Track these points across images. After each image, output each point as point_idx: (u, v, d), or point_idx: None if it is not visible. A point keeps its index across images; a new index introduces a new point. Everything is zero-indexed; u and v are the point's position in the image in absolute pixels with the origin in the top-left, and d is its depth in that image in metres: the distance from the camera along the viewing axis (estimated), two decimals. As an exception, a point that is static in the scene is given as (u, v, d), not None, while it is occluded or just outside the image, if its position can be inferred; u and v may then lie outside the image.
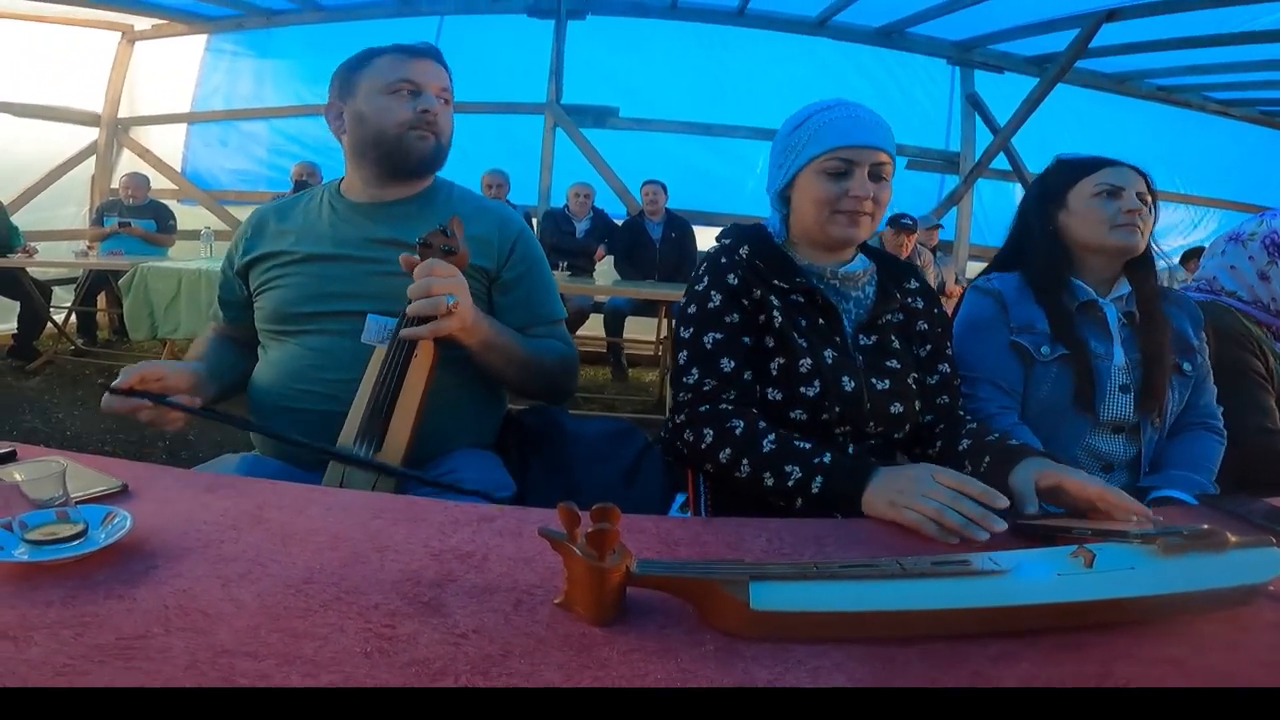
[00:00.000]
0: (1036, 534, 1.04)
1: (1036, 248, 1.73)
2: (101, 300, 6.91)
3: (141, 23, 7.85)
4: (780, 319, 1.41)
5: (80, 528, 0.84)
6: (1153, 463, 1.67)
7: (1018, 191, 7.53)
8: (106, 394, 1.36)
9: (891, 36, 7.25)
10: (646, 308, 6.09)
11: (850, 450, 1.41)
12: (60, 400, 4.93)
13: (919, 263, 6.28)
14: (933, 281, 6.23)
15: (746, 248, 1.48)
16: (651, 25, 7.34)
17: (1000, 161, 7.35)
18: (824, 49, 7.38)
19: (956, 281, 6.89)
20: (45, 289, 6.12)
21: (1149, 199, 1.66)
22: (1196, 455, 1.66)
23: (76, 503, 0.88)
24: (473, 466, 1.53)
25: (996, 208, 7.74)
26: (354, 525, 0.96)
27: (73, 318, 6.80)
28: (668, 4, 7.10)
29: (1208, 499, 1.30)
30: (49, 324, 6.23)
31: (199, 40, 8.06)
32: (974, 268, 7.55)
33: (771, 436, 1.33)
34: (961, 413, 1.56)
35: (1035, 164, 6.97)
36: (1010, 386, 1.65)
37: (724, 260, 1.47)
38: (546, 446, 1.66)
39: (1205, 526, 0.86)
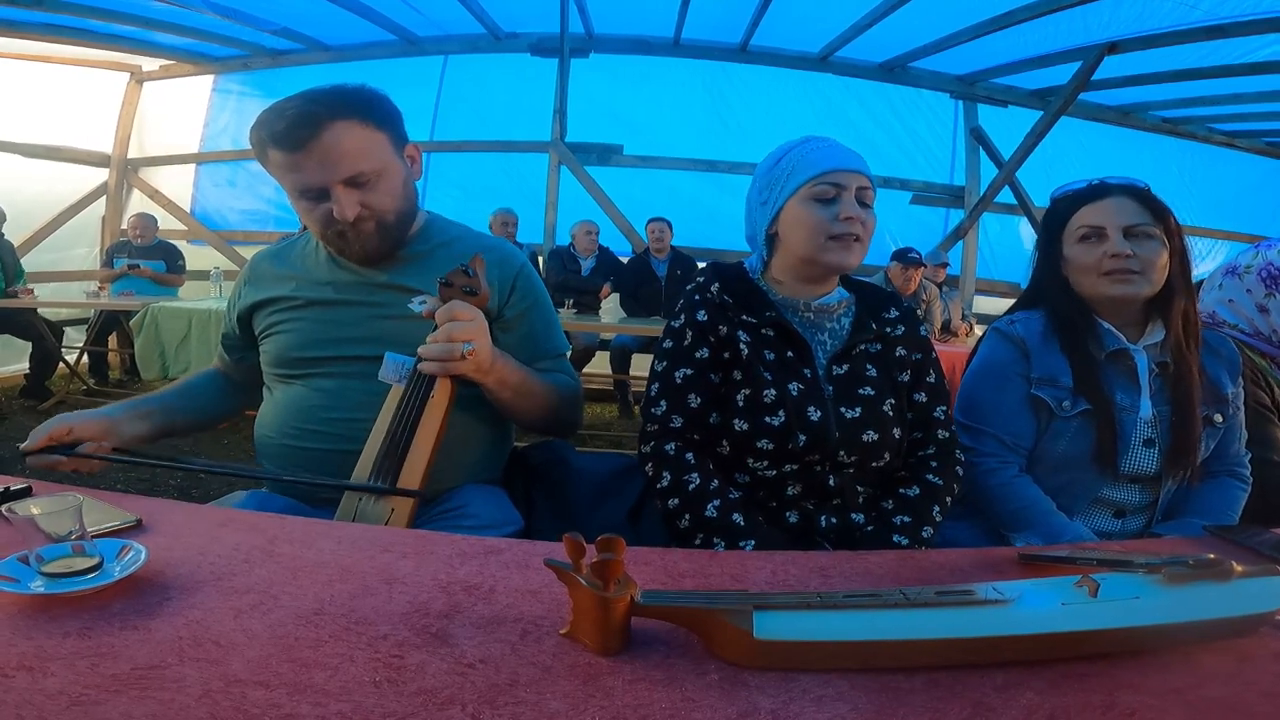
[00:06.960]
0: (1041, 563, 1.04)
1: (1051, 299, 1.65)
2: (113, 340, 6.99)
3: (149, 63, 8.00)
4: (747, 352, 1.44)
5: (96, 561, 0.85)
6: (1171, 506, 1.60)
7: (1023, 225, 7.59)
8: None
9: (894, 71, 7.33)
10: (652, 345, 6.03)
11: (831, 482, 1.42)
12: (71, 439, 4.91)
13: (924, 298, 6.27)
14: (938, 319, 6.23)
15: (717, 284, 1.52)
16: (654, 62, 7.44)
17: (1005, 195, 7.39)
18: (827, 84, 7.47)
19: (963, 318, 6.87)
20: (57, 329, 6.19)
21: (1152, 230, 1.52)
22: (1219, 504, 1.58)
23: (92, 536, 0.89)
24: (479, 501, 1.53)
25: (1002, 242, 7.78)
26: (363, 558, 0.97)
27: (84, 358, 6.87)
28: (670, 41, 7.19)
29: (1215, 529, 1.26)
30: (61, 364, 6.29)
31: (206, 80, 8.20)
32: (980, 302, 7.57)
33: (717, 502, 1.36)
34: (931, 450, 1.52)
35: (1040, 197, 6.99)
36: (1017, 442, 1.59)
37: (696, 298, 1.51)
38: (552, 483, 1.67)
39: (1211, 556, 0.85)
